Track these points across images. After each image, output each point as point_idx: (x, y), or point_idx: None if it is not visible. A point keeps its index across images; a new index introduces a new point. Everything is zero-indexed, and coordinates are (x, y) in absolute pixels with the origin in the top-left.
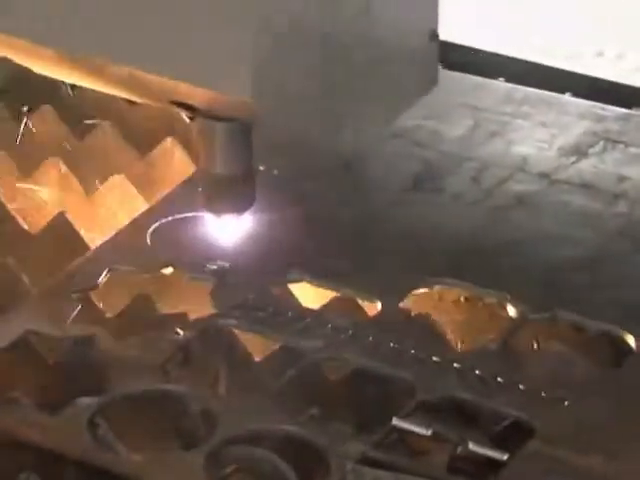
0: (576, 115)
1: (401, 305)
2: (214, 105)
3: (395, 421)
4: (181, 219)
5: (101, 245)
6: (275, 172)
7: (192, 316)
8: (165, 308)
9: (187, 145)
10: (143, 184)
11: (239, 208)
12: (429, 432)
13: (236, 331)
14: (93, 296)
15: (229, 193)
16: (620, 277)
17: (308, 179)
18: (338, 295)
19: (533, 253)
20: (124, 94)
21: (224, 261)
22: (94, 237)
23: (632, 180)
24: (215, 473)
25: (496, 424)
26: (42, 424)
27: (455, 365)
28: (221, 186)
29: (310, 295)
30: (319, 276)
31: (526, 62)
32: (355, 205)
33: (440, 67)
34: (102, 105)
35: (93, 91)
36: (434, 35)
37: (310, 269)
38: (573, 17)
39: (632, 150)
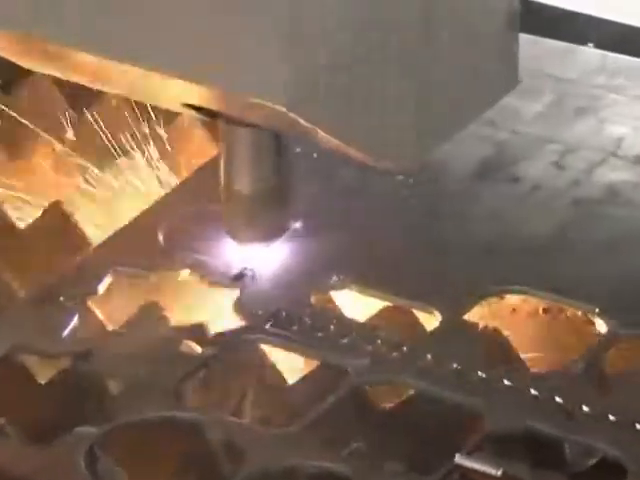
0: None
1: (466, 317)
2: (241, 112)
3: (458, 458)
4: (201, 212)
5: (104, 242)
6: (315, 155)
7: (212, 329)
8: (179, 319)
9: (208, 122)
10: (156, 168)
11: (267, 236)
12: (499, 472)
13: (266, 347)
14: (93, 303)
15: (257, 217)
16: None
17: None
18: (389, 305)
19: (627, 256)
20: (133, 97)
21: (252, 263)
22: (95, 232)
23: None
24: None
25: (580, 462)
26: (32, 457)
27: (531, 391)
28: (247, 208)
29: (356, 305)
30: (367, 282)
31: (621, 25)
32: (412, 197)
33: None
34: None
35: None
36: (512, 21)
37: (356, 273)
38: None
39: None
